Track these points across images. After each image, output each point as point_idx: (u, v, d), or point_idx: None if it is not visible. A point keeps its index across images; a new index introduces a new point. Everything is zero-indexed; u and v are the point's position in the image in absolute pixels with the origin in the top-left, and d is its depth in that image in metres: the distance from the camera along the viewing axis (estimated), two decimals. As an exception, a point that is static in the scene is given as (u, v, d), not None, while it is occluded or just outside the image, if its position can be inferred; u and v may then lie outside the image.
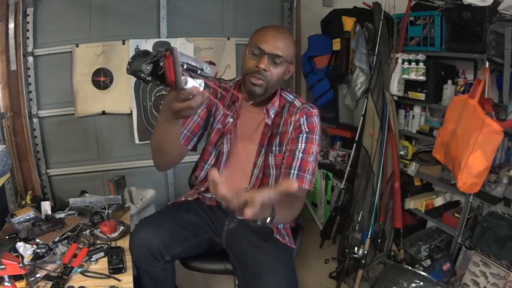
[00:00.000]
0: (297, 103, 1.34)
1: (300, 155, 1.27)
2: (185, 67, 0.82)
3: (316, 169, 1.32)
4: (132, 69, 0.81)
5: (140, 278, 1.35)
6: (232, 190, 1.08)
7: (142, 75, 0.81)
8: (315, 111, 1.32)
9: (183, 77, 0.79)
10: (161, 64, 0.79)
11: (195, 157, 1.55)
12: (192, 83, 0.83)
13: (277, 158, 1.33)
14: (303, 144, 1.28)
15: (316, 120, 1.31)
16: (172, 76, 0.78)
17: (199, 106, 0.87)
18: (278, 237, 1.36)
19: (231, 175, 1.39)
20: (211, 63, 0.91)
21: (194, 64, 0.85)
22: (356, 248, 2.07)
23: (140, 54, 0.82)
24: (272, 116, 1.32)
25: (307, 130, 1.29)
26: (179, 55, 0.77)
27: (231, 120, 1.34)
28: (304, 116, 1.30)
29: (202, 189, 1.47)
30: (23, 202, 1.76)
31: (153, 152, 1.20)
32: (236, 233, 1.38)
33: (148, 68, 0.81)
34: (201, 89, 0.85)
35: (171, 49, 0.76)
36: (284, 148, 1.32)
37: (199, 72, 0.87)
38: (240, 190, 0.81)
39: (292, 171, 1.25)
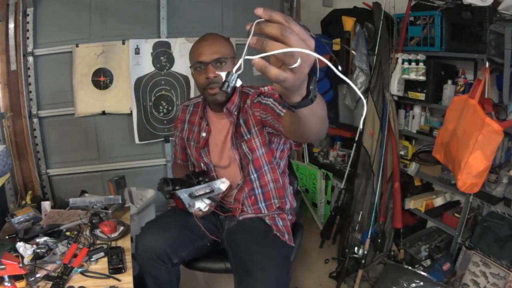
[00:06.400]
0: (252, 91, 1.34)
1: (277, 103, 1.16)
2: (189, 202, 1.33)
3: None
4: (159, 190, 1.39)
5: (145, 281, 1.36)
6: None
7: (164, 195, 1.37)
8: (266, 88, 1.30)
9: (188, 205, 1.32)
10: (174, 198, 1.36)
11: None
12: (198, 205, 1.34)
13: (248, 144, 1.34)
14: (270, 99, 1.21)
15: (268, 89, 1.29)
16: (180, 206, 1.34)
17: (205, 213, 1.37)
18: (278, 234, 1.37)
19: (227, 178, 1.46)
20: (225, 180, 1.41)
21: (202, 193, 1.35)
22: (356, 248, 2.07)
23: (163, 182, 1.36)
24: (235, 112, 1.35)
25: (267, 95, 1.26)
26: (196, 188, 1.35)
27: (204, 134, 1.42)
28: (257, 94, 1.30)
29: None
30: (23, 202, 1.75)
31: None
32: (236, 231, 1.39)
33: (167, 196, 1.36)
34: (205, 207, 1.36)
35: (178, 197, 1.32)
36: (253, 130, 1.32)
37: (208, 195, 1.36)
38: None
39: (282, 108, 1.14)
